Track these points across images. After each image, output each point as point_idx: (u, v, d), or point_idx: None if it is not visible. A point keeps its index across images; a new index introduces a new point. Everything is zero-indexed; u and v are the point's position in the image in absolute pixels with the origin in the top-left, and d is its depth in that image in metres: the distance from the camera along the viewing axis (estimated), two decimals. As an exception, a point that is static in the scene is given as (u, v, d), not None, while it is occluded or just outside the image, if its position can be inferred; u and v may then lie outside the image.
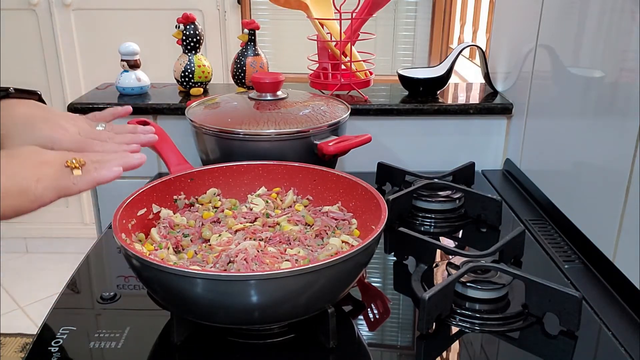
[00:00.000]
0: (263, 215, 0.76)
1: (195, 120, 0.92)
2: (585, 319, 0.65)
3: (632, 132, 0.71)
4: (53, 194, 0.56)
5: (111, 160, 0.60)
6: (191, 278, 0.55)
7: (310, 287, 0.57)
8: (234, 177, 0.83)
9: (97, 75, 1.75)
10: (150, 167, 1.16)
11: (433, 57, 2.54)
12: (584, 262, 0.80)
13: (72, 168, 0.57)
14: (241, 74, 1.16)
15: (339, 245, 0.69)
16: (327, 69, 1.18)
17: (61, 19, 2.30)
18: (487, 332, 0.65)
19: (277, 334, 0.64)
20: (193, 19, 1.16)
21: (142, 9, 2.30)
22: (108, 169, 0.57)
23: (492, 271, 0.70)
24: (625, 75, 0.73)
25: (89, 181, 0.57)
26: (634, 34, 0.71)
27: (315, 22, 1.13)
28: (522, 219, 0.94)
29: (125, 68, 1.17)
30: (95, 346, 0.62)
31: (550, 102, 0.97)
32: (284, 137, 0.88)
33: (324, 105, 0.98)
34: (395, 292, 0.75)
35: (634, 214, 0.70)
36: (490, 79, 1.24)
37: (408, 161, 1.17)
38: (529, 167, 1.06)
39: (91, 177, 0.57)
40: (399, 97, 1.18)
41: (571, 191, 0.87)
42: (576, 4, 0.87)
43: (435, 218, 0.92)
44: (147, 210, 0.74)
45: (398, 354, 0.65)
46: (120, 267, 0.78)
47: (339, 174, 0.79)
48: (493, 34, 1.27)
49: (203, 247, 0.70)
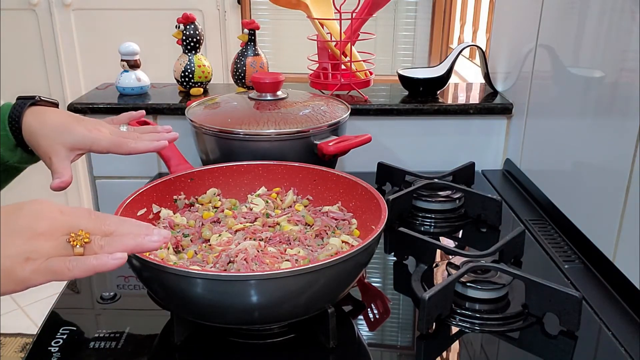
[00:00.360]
0: (263, 215, 0.76)
1: (195, 120, 0.92)
2: (585, 319, 0.65)
3: (632, 132, 0.71)
4: (42, 278, 0.47)
5: (122, 239, 0.50)
6: (191, 278, 0.55)
7: (310, 287, 0.57)
8: (234, 177, 0.83)
9: (97, 75, 1.75)
10: (150, 167, 1.16)
11: (433, 57, 2.55)
12: (584, 262, 0.80)
13: (74, 245, 0.48)
14: (241, 74, 1.16)
15: (339, 245, 0.69)
16: (327, 69, 1.18)
17: (61, 19, 2.30)
18: (487, 332, 0.65)
19: (277, 334, 0.64)
20: (193, 19, 1.16)
21: (142, 9, 2.30)
22: (112, 254, 0.48)
23: (492, 271, 0.70)
24: (625, 75, 0.73)
25: (87, 269, 0.47)
26: (634, 34, 0.71)
27: (315, 22, 1.13)
28: (522, 219, 0.94)
29: (125, 68, 1.17)
30: (95, 346, 0.62)
31: (550, 102, 0.97)
32: (284, 137, 0.88)
33: (324, 105, 0.98)
34: (395, 292, 0.75)
35: (634, 214, 0.70)
36: (490, 79, 1.24)
37: (408, 161, 1.17)
38: (529, 167, 1.06)
39: (90, 264, 0.47)
40: (399, 97, 1.18)
41: (571, 191, 0.87)
42: (576, 4, 0.87)
43: (435, 218, 0.92)
44: (147, 210, 0.74)
45: (398, 354, 0.65)
46: (120, 267, 0.78)
47: (339, 174, 0.79)
48: (493, 34, 1.27)
49: (203, 247, 0.70)
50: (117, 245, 0.49)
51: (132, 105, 1.12)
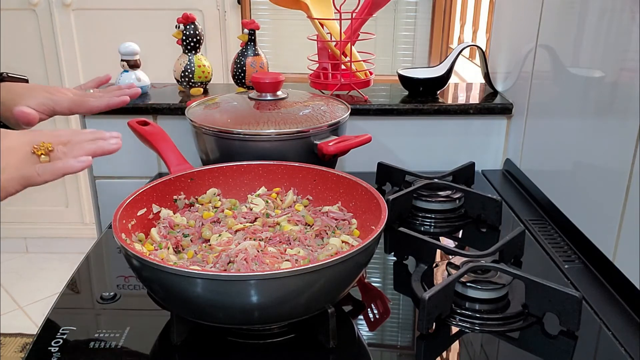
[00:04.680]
0: (263, 215, 0.76)
1: (195, 120, 0.92)
2: (585, 319, 0.65)
3: (632, 132, 0.71)
4: (17, 185, 0.53)
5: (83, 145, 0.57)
6: (191, 278, 0.55)
7: (310, 287, 0.57)
8: (234, 177, 0.83)
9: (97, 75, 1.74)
10: (150, 167, 1.16)
11: (433, 57, 2.54)
12: (584, 262, 0.80)
13: (39, 155, 0.53)
14: (241, 74, 1.16)
15: (339, 245, 0.69)
16: (327, 69, 1.18)
17: (61, 19, 2.30)
18: (487, 332, 0.65)
19: (277, 334, 0.64)
20: (193, 19, 1.16)
21: (142, 9, 2.30)
22: (76, 158, 0.55)
23: (492, 271, 0.70)
24: (625, 75, 0.73)
25: (54, 171, 0.54)
26: (634, 34, 0.71)
27: (315, 22, 1.13)
28: (522, 219, 0.94)
29: (125, 68, 1.17)
30: (95, 346, 0.62)
31: (550, 102, 0.97)
32: (284, 137, 0.88)
33: (324, 105, 0.98)
34: (395, 292, 0.75)
35: (634, 214, 0.70)
36: (490, 79, 1.24)
37: (408, 161, 1.17)
38: (529, 167, 1.06)
39: (57, 167, 0.54)
40: (399, 97, 1.18)
41: (571, 191, 0.87)
42: (576, 4, 0.87)
43: (435, 218, 0.92)
44: (147, 210, 0.74)
45: (398, 354, 0.65)
46: (120, 267, 0.78)
47: (339, 174, 0.79)
48: (493, 34, 1.27)
49: (203, 247, 0.70)
50: (79, 151, 0.56)
51: (132, 105, 1.12)
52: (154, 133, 0.88)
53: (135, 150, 1.12)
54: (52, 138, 0.56)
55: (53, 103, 0.75)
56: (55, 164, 0.54)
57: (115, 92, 0.82)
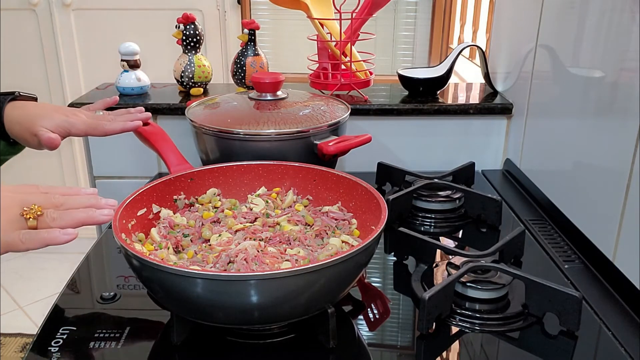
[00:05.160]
0: (263, 215, 0.76)
1: (195, 120, 0.92)
2: (585, 319, 0.65)
3: (632, 132, 0.71)
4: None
5: (73, 214, 0.55)
6: (191, 278, 0.55)
7: (310, 287, 0.57)
8: (234, 177, 0.83)
9: (97, 75, 1.75)
10: (150, 167, 1.16)
11: (433, 57, 2.54)
12: (584, 262, 0.80)
13: (27, 218, 0.53)
14: (241, 74, 1.16)
15: (339, 245, 0.69)
16: (327, 69, 1.18)
17: (61, 19, 2.30)
18: (487, 332, 0.65)
19: (277, 334, 0.64)
20: (193, 19, 1.16)
21: (142, 9, 2.30)
22: (63, 230, 0.54)
23: (492, 271, 0.70)
24: (625, 75, 0.73)
25: (39, 241, 0.53)
26: (634, 34, 0.71)
27: (315, 22, 1.13)
28: (522, 219, 0.94)
29: (125, 68, 1.17)
30: (95, 346, 0.62)
31: (550, 102, 0.97)
32: (284, 137, 0.88)
33: (324, 105, 0.98)
34: (395, 292, 0.75)
35: (634, 214, 0.70)
36: (490, 79, 1.24)
37: (408, 161, 1.17)
38: (529, 167, 1.06)
39: (41, 236, 0.53)
40: (399, 97, 1.18)
41: (571, 191, 0.87)
42: (576, 4, 0.87)
43: (435, 218, 0.92)
44: (147, 210, 0.74)
45: (398, 354, 0.65)
46: (120, 267, 0.78)
47: (339, 174, 0.79)
48: (493, 34, 1.27)
49: (203, 247, 0.70)
50: (68, 220, 0.54)
51: (132, 105, 1.12)
52: (154, 133, 0.88)
53: (135, 150, 1.13)
54: (45, 201, 0.55)
55: (69, 125, 0.77)
56: (40, 234, 0.53)
57: (126, 115, 0.84)
